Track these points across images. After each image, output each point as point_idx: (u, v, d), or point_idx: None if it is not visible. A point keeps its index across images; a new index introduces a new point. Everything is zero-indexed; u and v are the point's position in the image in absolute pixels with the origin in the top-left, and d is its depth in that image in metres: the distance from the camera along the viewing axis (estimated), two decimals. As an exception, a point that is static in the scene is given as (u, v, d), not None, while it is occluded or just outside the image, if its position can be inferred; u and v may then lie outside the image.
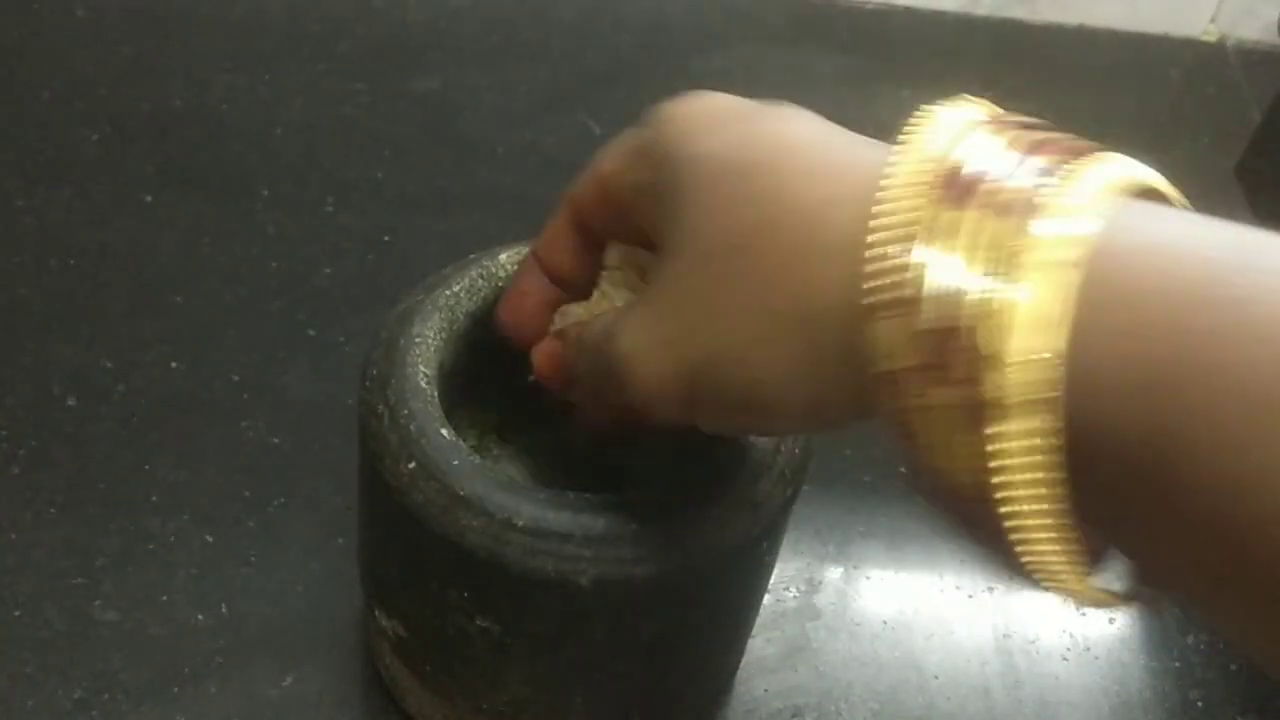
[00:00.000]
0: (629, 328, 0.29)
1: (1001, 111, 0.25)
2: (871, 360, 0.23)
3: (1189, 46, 0.78)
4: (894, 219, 0.22)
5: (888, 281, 0.22)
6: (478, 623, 0.35)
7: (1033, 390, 0.20)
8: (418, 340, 0.37)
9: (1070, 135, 0.23)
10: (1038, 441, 0.21)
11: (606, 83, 0.68)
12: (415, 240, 0.59)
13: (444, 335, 0.38)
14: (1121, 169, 0.22)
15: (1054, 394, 0.20)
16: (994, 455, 0.21)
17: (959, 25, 0.75)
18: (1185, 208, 0.23)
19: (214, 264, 0.56)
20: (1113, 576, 0.23)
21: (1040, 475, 0.21)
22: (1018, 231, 0.21)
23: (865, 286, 0.23)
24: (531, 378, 0.36)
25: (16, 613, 0.44)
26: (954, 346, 0.21)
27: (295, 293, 0.56)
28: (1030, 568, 0.23)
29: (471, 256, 0.40)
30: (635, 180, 0.31)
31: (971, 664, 0.48)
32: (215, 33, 0.67)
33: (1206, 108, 0.74)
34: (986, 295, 0.21)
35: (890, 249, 0.22)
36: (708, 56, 0.71)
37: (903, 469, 0.25)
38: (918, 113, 0.24)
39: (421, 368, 0.36)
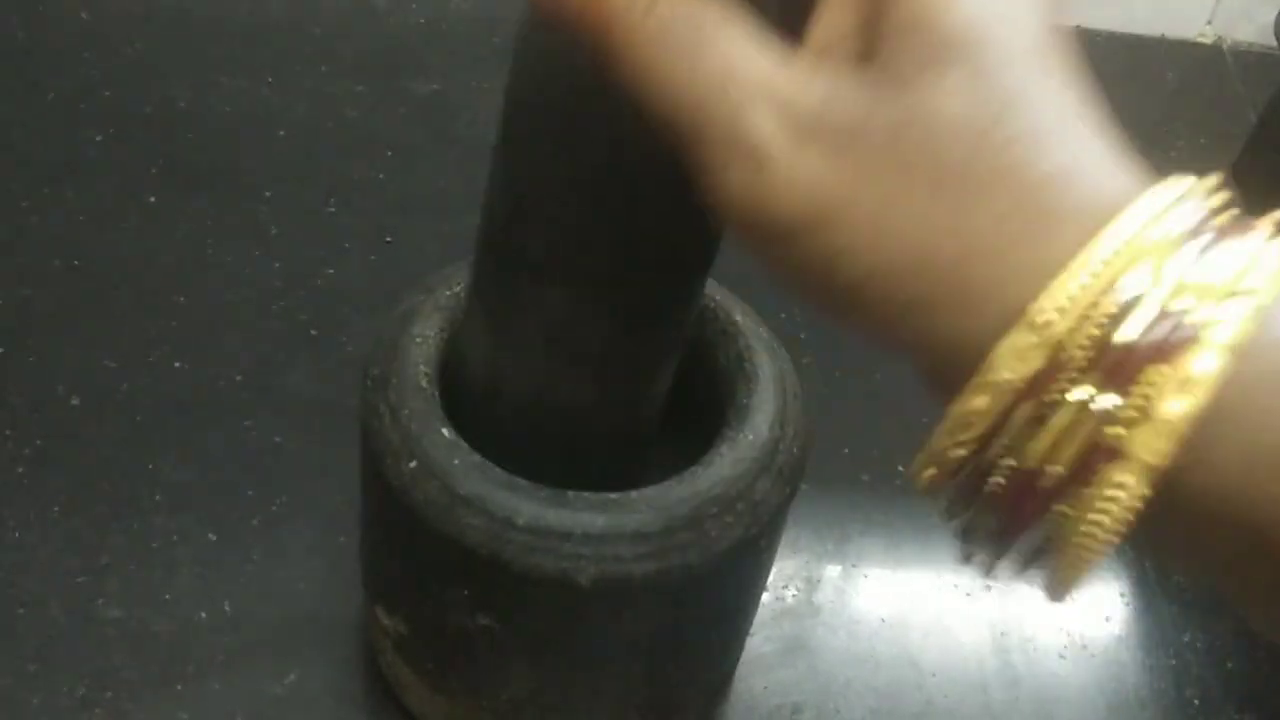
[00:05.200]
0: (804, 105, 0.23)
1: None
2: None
3: (1185, 48, 0.78)
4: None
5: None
6: (478, 621, 0.36)
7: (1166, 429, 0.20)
8: (418, 340, 0.37)
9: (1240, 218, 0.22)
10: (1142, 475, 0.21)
11: (607, 84, 0.68)
12: (416, 241, 0.59)
13: (445, 335, 0.38)
14: None
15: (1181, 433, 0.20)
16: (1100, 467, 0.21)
17: None
18: None
19: (217, 264, 0.57)
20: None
21: (1125, 504, 0.21)
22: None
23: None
24: None
25: (21, 610, 0.44)
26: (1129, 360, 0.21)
27: (297, 293, 0.56)
28: (1036, 562, 0.22)
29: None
30: None
31: (969, 662, 0.48)
32: (218, 35, 0.67)
33: (1203, 109, 0.74)
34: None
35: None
36: (707, 58, 0.71)
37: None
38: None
39: (422, 367, 0.37)
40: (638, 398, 0.36)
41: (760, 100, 0.23)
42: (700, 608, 0.37)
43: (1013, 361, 0.21)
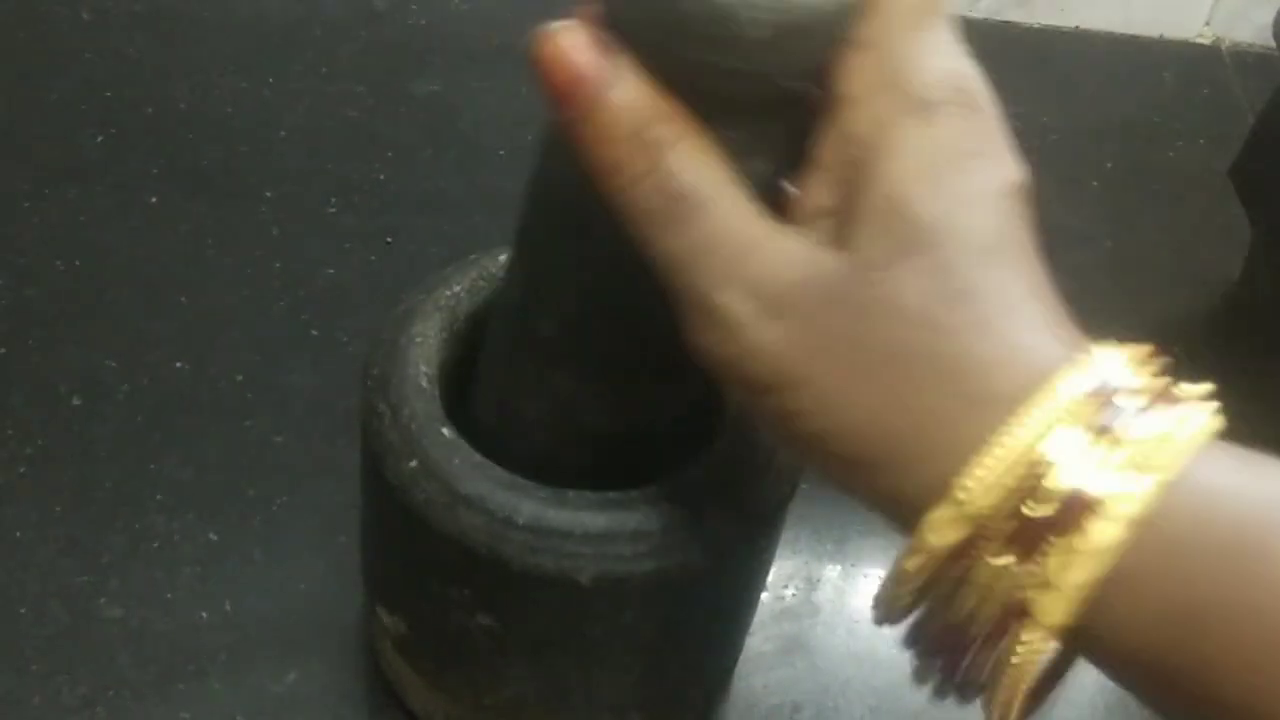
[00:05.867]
0: (764, 266, 0.24)
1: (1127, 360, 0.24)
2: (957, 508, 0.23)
3: (1184, 49, 0.78)
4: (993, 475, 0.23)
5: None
6: (478, 620, 0.36)
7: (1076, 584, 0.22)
8: (419, 340, 0.37)
9: (1166, 382, 0.24)
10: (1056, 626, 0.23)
11: (606, 85, 0.68)
12: (417, 241, 0.59)
13: (445, 335, 0.38)
14: (1202, 420, 0.23)
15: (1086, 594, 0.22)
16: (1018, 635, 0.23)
17: (956, 27, 0.75)
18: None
19: (218, 265, 0.57)
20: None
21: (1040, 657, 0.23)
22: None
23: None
24: None
25: (22, 610, 0.45)
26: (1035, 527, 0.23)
27: (298, 293, 0.56)
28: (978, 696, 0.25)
29: (472, 257, 0.40)
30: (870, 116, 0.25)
31: (968, 661, 0.48)
32: (219, 36, 0.67)
33: (1201, 110, 0.74)
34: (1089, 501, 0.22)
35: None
36: (707, 59, 0.71)
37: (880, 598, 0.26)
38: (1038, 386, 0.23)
39: (423, 367, 0.37)
40: (637, 460, 0.36)
41: (735, 277, 0.25)
42: (700, 606, 0.37)
43: (939, 531, 0.23)
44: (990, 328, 0.24)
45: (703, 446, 0.36)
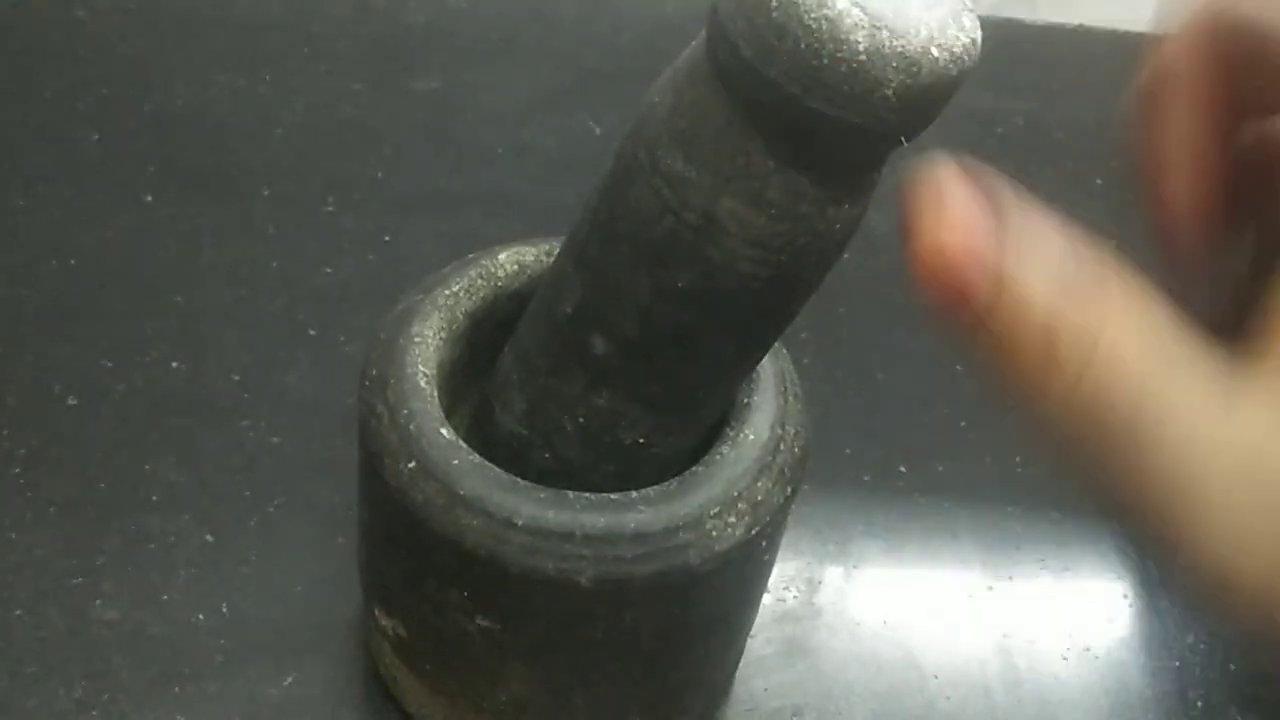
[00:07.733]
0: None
1: None
2: None
3: (1188, 47, 0.78)
4: None
5: None
6: (477, 622, 0.35)
7: None
8: (417, 340, 0.37)
9: None
10: None
11: (607, 83, 0.68)
12: (415, 240, 0.59)
13: (443, 335, 0.38)
14: None
15: None
16: None
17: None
18: None
19: (214, 264, 0.56)
20: None
21: None
22: None
23: None
24: None
25: (17, 612, 0.44)
26: None
27: (295, 292, 0.56)
28: None
29: (470, 256, 0.40)
30: None
31: (971, 664, 0.48)
32: (215, 33, 0.67)
33: (1206, 108, 0.74)
34: None
35: None
36: (707, 57, 0.71)
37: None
38: None
39: (421, 367, 0.36)
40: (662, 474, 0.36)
41: (1211, 480, 0.19)
42: (701, 608, 0.37)
43: None
44: None
45: (703, 447, 0.36)
